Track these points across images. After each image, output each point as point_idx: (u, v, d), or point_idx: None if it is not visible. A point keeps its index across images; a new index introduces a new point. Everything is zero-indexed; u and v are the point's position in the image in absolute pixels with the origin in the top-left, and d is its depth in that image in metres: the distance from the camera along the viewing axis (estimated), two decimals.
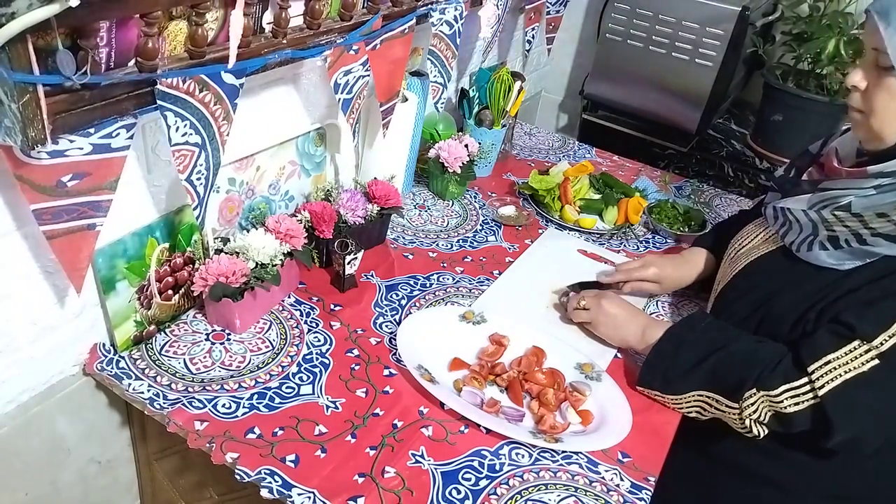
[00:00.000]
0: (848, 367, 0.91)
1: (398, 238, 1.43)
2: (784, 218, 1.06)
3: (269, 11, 1.00)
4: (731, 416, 1.00)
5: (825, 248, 0.99)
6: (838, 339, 0.92)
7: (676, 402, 1.06)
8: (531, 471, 0.96)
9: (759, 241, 1.13)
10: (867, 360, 0.90)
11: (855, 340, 0.91)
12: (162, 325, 1.10)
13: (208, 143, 0.94)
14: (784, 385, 0.94)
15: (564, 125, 2.57)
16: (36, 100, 0.69)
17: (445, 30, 1.38)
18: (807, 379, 0.93)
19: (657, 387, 1.07)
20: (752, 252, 1.12)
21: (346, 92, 1.17)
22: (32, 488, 1.03)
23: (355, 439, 0.96)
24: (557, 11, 1.97)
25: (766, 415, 0.97)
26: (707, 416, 1.04)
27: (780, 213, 1.07)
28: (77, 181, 0.80)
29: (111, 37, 0.79)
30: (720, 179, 2.02)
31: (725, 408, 1.00)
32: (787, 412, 0.94)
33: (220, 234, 1.19)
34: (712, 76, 1.85)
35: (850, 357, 0.91)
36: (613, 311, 1.17)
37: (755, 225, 1.17)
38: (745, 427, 0.99)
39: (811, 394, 0.93)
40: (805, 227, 1.02)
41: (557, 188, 1.58)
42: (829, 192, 0.99)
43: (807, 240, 1.01)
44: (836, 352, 0.92)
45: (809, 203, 1.01)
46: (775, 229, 1.09)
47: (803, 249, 1.02)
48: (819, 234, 0.99)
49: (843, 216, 0.96)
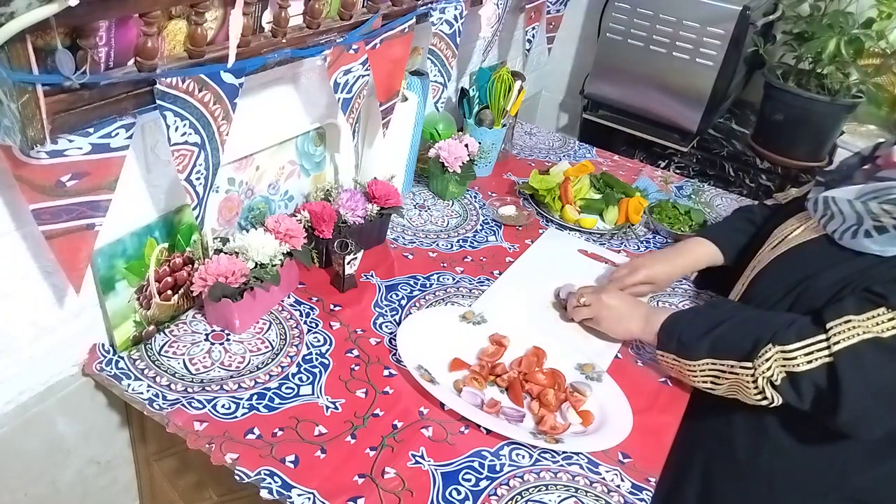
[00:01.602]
0: (867, 328, 0.90)
1: (398, 238, 1.43)
2: (826, 208, 1.05)
3: (268, 11, 1.00)
4: (745, 380, 0.99)
5: (870, 235, 0.97)
6: (864, 304, 0.92)
7: (691, 369, 1.05)
8: (532, 471, 0.96)
9: (801, 231, 1.12)
10: (889, 328, 0.89)
11: (881, 307, 0.90)
12: (161, 326, 1.10)
13: (208, 143, 0.93)
14: (799, 342, 0.94)
15: (565, 125, 2.57)
16: (35, 99, 0.68)
17: (445, 29, 1.37)
18: (824, 336, 0.92)
19: (673, 349, 1.07)
20: (793, 241, 1.11)
21: (345, 91, 1.17)
22: (32, 488, 1.03)
23: (355, 440, 0.96)
24: (558, 11, 1.97)
25: (778, 375, 0.95)
26: (721, 385, 1.03)
27: (823, 204, 1.05)
28: (76, 181, 0.80)
29: (110, 36, 0.78)
30: (721, 179, 2.02)
31: (740, 370, 0.99)
32: (800, 370, 0.93)
33: (220, 234, 1.19)
34: (713, 76, 1.85)
35: (873, 322, 0.90)
36: (614, 304, 1.17)
37: (797, 219, 1.16)
38: (759, 389, 0.97)
39: (826, 350, 0.92)
40: (849, 217, 1.00)
41: (558, 188, 1.58)
42: (886, 181, 0.98)
43: (850, 228, 1.00)
44: (860, 315, 0.91)
45: (858, 193, 1.01)
46: (817, 219, 1.07)
47: (847, 237, 1.00)
48: (864, 223, 0.98)
49: (892, 209, 0.95)
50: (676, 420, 1.08)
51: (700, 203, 1.72)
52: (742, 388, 1.01)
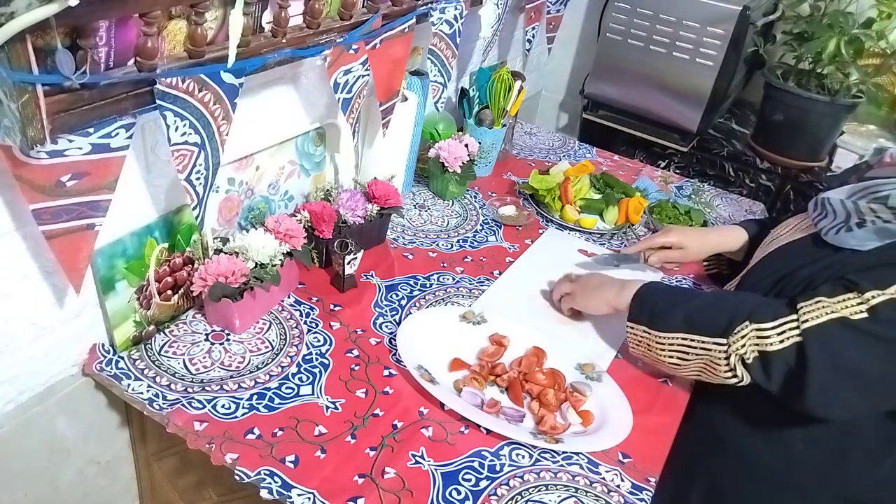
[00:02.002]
0: (836, 308, 0.92)
1: (398, 238, 1.43)
2: (822, 208, 1.08)
3: (268, 11, 1.00)
4: (717, 357, 0.99)
5: (850, 230, 1.00)
6: (835, 289, 0.94)
7: (660, 342, 1.06)
8: (531, 471, 0.96)
9: (794, 229, 1.15)
10: (857, 312, 0.91)
11: (851, 292, 0.93)
12: (161, 326, 1.10)
13: (207, 143, 0.93)
14: (774, 321, 0.96)
15: (565, 125, 2.57)
16: (35, 99, 0.68)
17: (445, 29, 1.37)
18: (795, 316, 0.95)
19: (645, 319, 1.08)
20: (784, 239, 1.14)
21: (345, 91, 1.17)
22: (32, 489, 1.03)
23: (355, 440, 0.96)
24: (558, 10, 1.97)
25: (751, 353, 0.97)
26: (688, 362, 1.04)
27: (820, 204, 1.09)
28: (76, 181, 0.80)
29: (110, 36, 0.78)
30: (721, 179, 2.02)
31: (712, 346, 1.00)
32: (771, 349, 0.95)
33: (220, 234, 1.19)
34: (713, 76, 1.85)
35: (842, 305, 0.93)
36: (593, 281, 1.21)
37: (795, 217, 1.19)
38: (730, 367, 0.98)
39: (796, 329, 0.94)
40: (839, 214, 1.03)
41: (558, 188, 1.58)
42: (873, 180, 1.02)
43: (836, 225, 1.03)
44: (831, 298, 0.94)
45: (850, 192, 1.04)
46: (812, 218, 1.10)
47: (831, 234, 1.03)
48: (850, 221, 1.01)
49: (878, 208, 0.98)
50: (676, 420, 1.08)
51: (700, 203, 1.72)
52: (711, 365, 1.01)
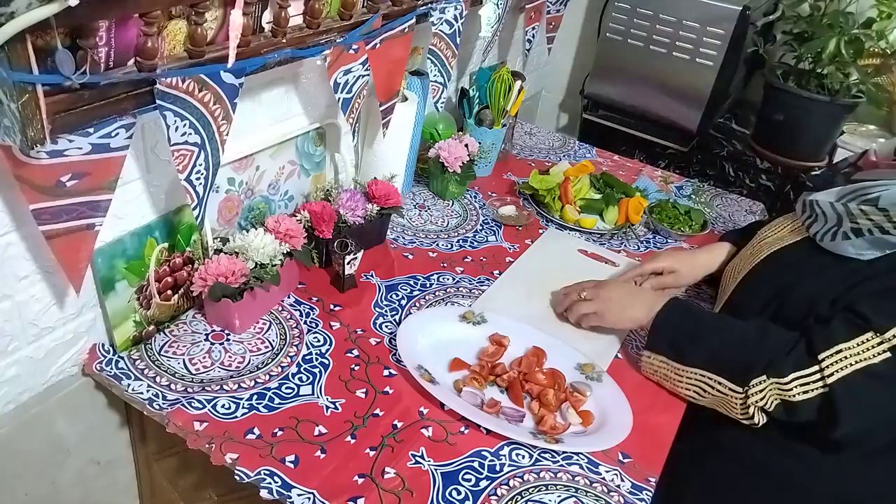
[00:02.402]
0: (859, 357, 0.91)
1: (398, 238, 1.43)
2: (811, 210, 1.06)
3: (268, 11, 1.00)
4: (732, 401, 1.00)
5: (848, 237, 0.99)
6: (851, 329, 0.92)
7: (679, 374, 1.06)
8: (531, 471, 0.96)
9: (784, 232, 1.13)
10: (879, 353, 0.90)
11: (868, 332, 0.91)
12: (161, 326, 1.10)
13: (207, 143, 0.93)
14: (795, 372, 0.94)
15: (565, 125, 2.57)
16: (35, 99, 0.68)
17: (445, 29, 1.37)
18: (817, 367, 0.93)
19: (664, 351, 1.07)
20: (776, 243, 1.12)
21: (345, 91, 1.17)
22: (32, 489, 1.03)
23: (355, 440, 0.96)
24: (558, 11, 1.97)
25: (772, 403, 0.96)
26: (705, 399, 1.04)
27: (808, 206, 1.07)
28: (76, 181, 0.80)
29: (110, 36, 0.78)
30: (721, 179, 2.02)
31: (728, 391, 1.00)
32: (796, 400, 0.94)
33: (220, 234, 1.19)
34: (713, 76, 1.85)
35: (862, 348, 0.91)
36: (615, 294, 1.17)
37: (784, 218, 1.18)
38: (747, 414, 0.99)
39: (820, 382, 0.93)
40: (830, 218, 1.02)
41: (558, 188, 1.58)
42: (861, 182, 0.99)
43: (831, 230, 1.02)
44: (849, 342, 0.92)
45: (839, 195, 1.02)
46: (802, 220, 1.09)
47: (827, 239, 1.02)
48: (843, 225, 1.00)
49: (869, 210, 0.96)
50: (676, 420, 1.07)
51: (700, 203, 1.72)
52: (728, 406, 1.02)
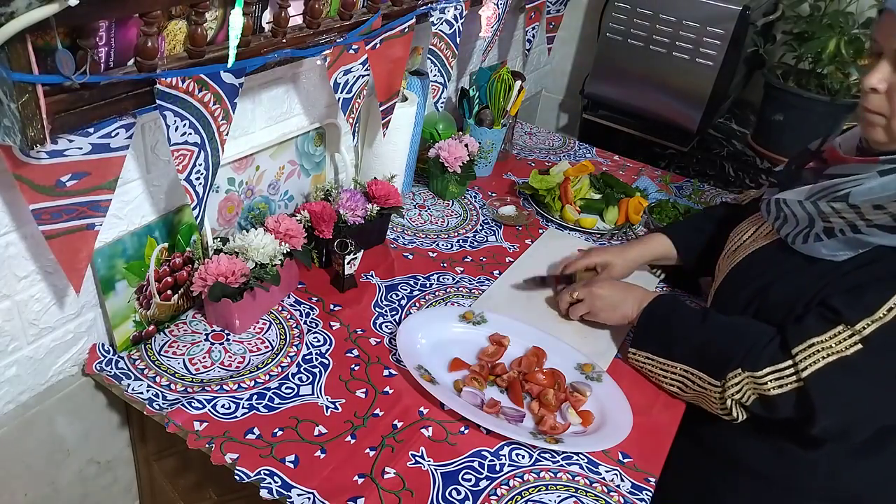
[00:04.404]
0: (831, 349, 0.92)
1: (398, 238, 1.43)
2: (778, 210, 1.05)
3: (268, 11, 1.00)
4: (711, 396, 1.01)
5: (820, 238, 0.98)
6: (823, 323, 0.93)
7: (664, 370, 1.08)
8: (531, 471, 0.96)
9: (756, 235, 1.13)
10: (851, 345, 0.91)
11: (840, 325, 0.91)
12: (161, 326, 1.10)
13: (207, 143, 0.93)
14: (769, 367, 0.95)
15: (565, 125, 2.57)
16: (35, 99, 0.68)
17: (445, 29, 1.37)
18: (791, 362, 0.94)
19: (648, 347, 1.09)
20: (749, 247, 1.12)
21: (345, 91, 1.17)
22: (32, 489, 1.03)
23: (355, 440, 0.96)
24: (558, 11, 1.97)
25: (749, 397, 0.97)
26: (687, 394, 1.06)
27: (775, 206, 1.06)
28: (76, 181, 0.80)
29: (110, 36, 0.79)
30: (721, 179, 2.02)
31: (707, 385, 1.01)
32: (771, 395, 0.95)
33: (220, 234, 1.19)
34: (713, 76, 1.85)
35: (835, 341, 0.92)
36: (606, 292, 1.18)
37: (750, 222, 1.17)
38: (725, 408, 1.00)
39: (794, 376, 0.93)
40: (801, 219, 1.01)
41: (558, 188, 1.58)
42: (832, 178, 0.97)
43: (802, 232, 1.01)
44: (821, 335, 0.92)
45: (808, 193, 1.00)
46: (770, 222, 1.08)
47: (799, 241, 1.01)
48: (815, 226, 0.99)
49: (840, 207, 0.95)
50: (676, 420, 1.07)
51: (700, 203, 1.72)
52: (707, 401, 1.03)
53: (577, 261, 1.30)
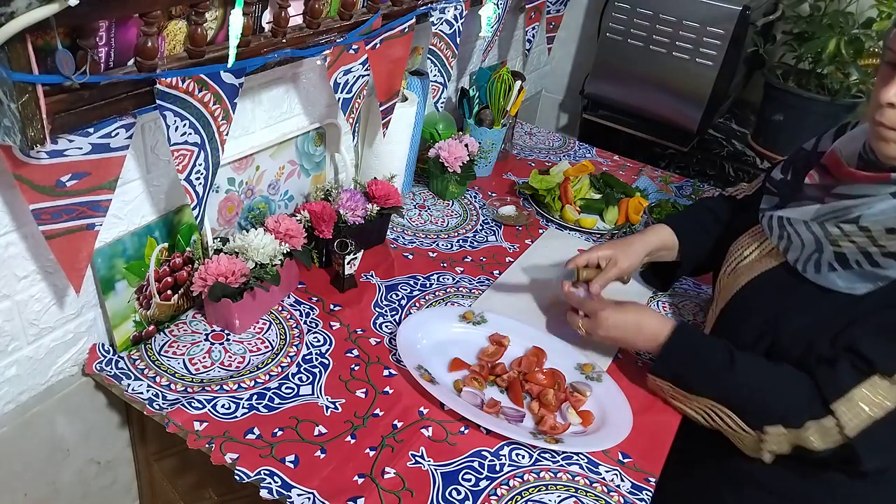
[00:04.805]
0: (872, 403, 0.88)
1: (398, 238, 1.43)
2: (782, 230, 1.00)
3: (268, 11, 1.00)
4: (742, 438, 0.97)
5: (834, 268, 0.93)
6: (858, 374, 0.89)
7: (687, 398, 1.03)
8: (531, 471, 0.96)
9: (759, 254, 1.06)
10: (891, 396, 0.87)
11: (875, 375, 0.88)
12: (161, 326, 1.10)
13: (207, 143, 0.93)
14: (811, 422, 0.91)
15: (565, 125, 2.57)
16: (35, 99, 0.68)
17: (445, 29, 1.37)
18: (832, 417, 0.90)
19: (670, 380, 1.05)
20: (754, 267, 1.05)
21: (345, 91, 1.17)
22: (32, 489, 1.03)
23: (355, 440, 0.96)
24: (558, 11, 1.97)
25: (786, 447, 0.94)
26: (712, 425, 1.01)
27: (778, 225, 1.01)
28: (76, 181, 0.80)
29: (110, 36, 0.79)
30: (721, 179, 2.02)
31: (738, 428, 0.97)
32: (814, 447, 0.92)
33: (220, 234, 1.19)
34: (713, 76, 1.85)
35: (873, 393, 0.88)
36: (613, 327, 1.09)
37: (752, 236, 1.10)
38: (758, 453, 0.97)
39: (838, 431, 0.90)
40: (808, 243, 0.96)
41: (558, 188, 1.58)
42: (842, 200, 0.92)
43: (812, 258, 0.95)
44: (858, 387, 0.89)
45: (815, 215, 0.95)
46: (774, 241, 1.02)
47: (810, 270, 0.96)
48: (824, 251, 0.94)
49: (850, 230, 0.91)
50: (676, 420, 1.07)
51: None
52: (736, 438, 0.99)
53: (578, 257, 1.22)
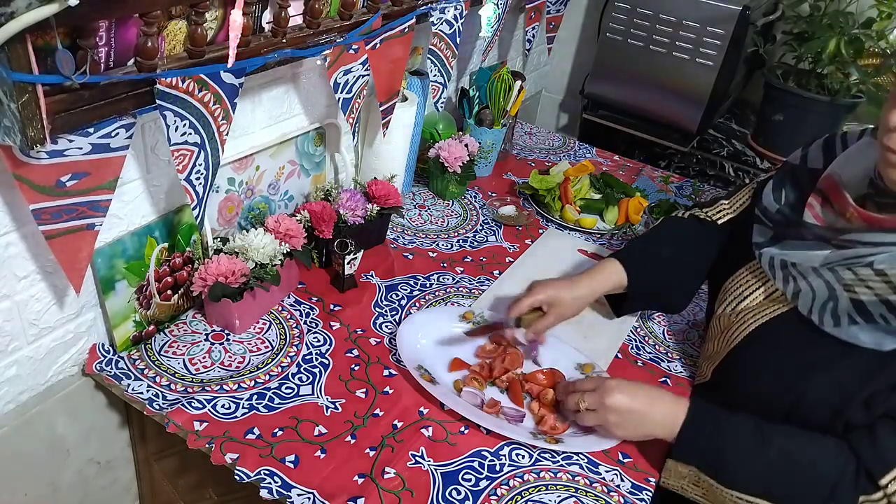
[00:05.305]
0: None
1: (398, 238, 1.43)
2: (786, 273, 0.93)
3: (268, 11, 1.00)
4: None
5: (855, 321, 0.86)
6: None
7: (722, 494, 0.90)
8: (531, 471, 0.96)
9: (761, 297, 0.98)
10: None
11: None
12: (161, 326, 1.10)
13: (207, 143, 0.93)
14: (861, 497, 0.85)
15: (565, 125, 2.57)
16: (35, 99, 0.68)
17: (445, 29, 1.37)
18: (882, 493, 0.85)
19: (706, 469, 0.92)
20: (758, 314, 0.98)
21: (345, 91, 1.17)
22: (32, 489, 1.03)
23: (355, 440, 0.96)
24: (558, 10, 1.97)
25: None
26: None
27: (781, 267, 0.94)
28: (76, 181, 0.80)
29: (110, 36, 0.79)
30: (721, 179, 2.02)
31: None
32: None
33: (220, 234, 1.19)
34: (713, 76, 1.85)
35: None
36: (623, 405, 0.95)
37: (752, 273, 1.01)
38: None
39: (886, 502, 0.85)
40: (819, 292, 0.89)
41: (558, 188, 1.58)
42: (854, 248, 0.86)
43: (827, 307, 0.89)
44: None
45: (824, 261, 0.88)
46: (779, 285, 0.95)
47: (828, 321, 0.89)
48: (840, 300, 0.87)
49: (865, 274, 0.85)
50: None
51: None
52: None
53: (521, 302, 1.09)
